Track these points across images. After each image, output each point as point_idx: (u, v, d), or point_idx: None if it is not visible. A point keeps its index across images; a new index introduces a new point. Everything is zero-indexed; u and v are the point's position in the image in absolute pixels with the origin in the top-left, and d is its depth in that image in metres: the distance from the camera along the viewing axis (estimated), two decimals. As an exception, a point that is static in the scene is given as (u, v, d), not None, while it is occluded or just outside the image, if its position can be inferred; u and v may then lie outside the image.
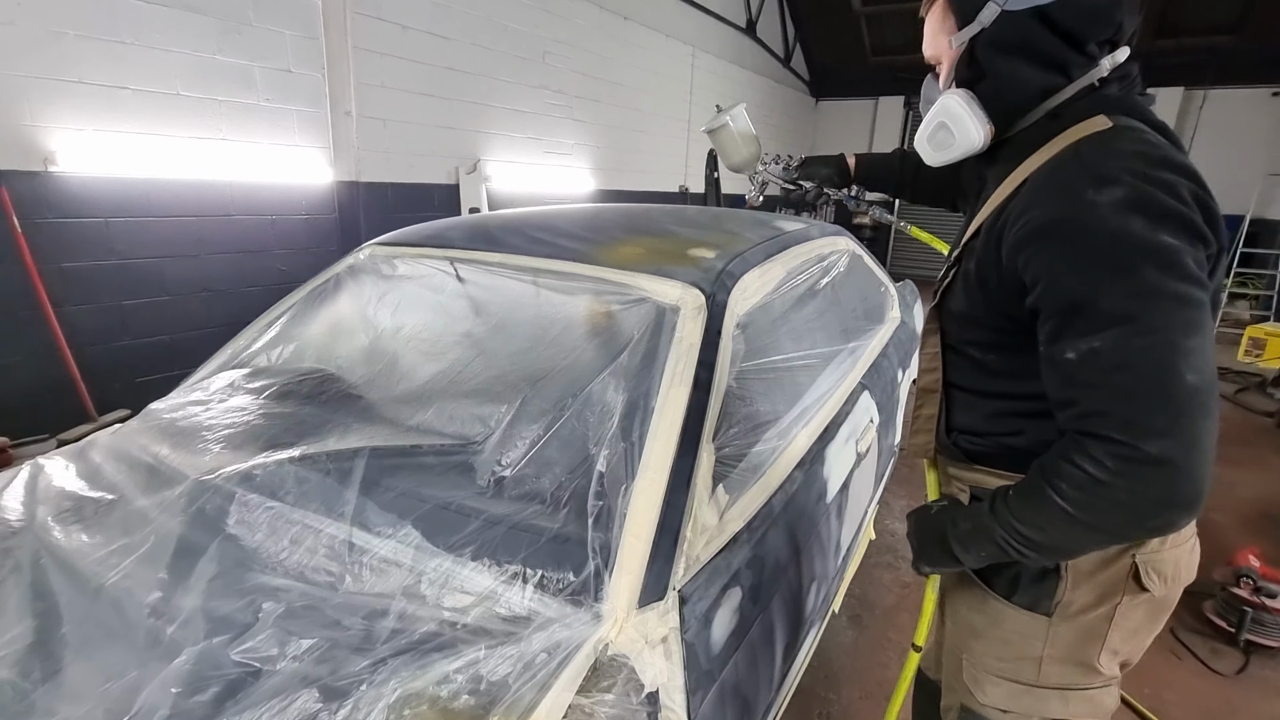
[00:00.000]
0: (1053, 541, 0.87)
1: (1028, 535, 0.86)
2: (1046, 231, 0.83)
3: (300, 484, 1.21)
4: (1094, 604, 0.98)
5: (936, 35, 0.98)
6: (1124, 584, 0.96)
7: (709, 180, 7.32)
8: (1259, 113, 8.23)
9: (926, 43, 1.01)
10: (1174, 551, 0.98)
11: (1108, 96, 0.90)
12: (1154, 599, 0.98)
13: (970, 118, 0.94)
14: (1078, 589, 0.98)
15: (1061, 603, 0.99)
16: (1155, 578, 0.96)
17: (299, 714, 0.81)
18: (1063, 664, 1.01)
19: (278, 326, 1.75)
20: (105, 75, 2.93)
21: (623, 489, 1.07)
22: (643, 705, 0.89)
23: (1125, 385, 0.77)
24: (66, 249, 2.94)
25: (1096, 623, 0.98)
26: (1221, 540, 2.97)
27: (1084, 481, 0.79)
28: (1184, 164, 0.81)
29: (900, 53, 9.83)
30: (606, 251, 1.54)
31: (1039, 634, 1.01)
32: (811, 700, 1.99)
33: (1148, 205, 0.77)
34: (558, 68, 5.55)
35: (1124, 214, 0.77)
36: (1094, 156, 0.83)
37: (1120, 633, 0.99)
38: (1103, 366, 0.78)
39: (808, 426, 1.56)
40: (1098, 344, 0.78)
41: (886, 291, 2.83)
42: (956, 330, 1.05)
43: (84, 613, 1.01)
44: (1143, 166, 0.79)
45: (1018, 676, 1.04)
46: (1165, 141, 0.85)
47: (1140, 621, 1.01)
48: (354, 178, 4.04)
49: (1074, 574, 0.97)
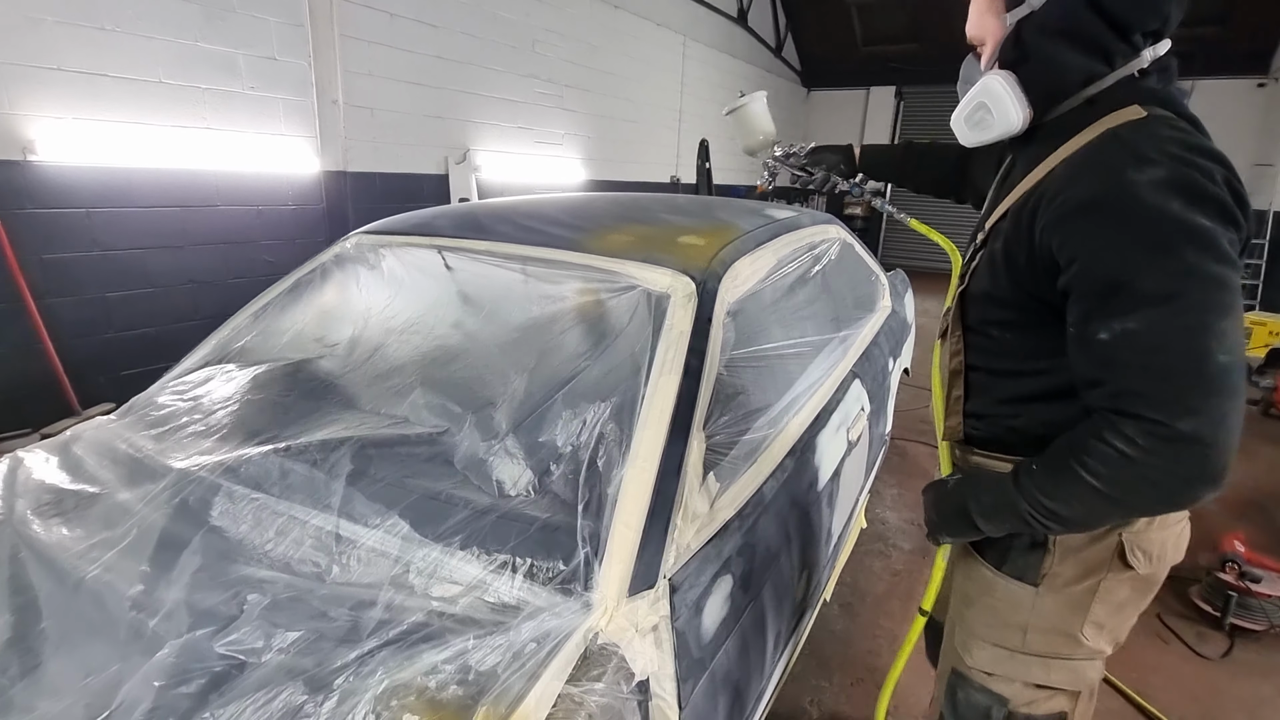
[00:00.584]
0: (1078, 515, 0.89)
1: (1053, 509, 0.88)
2: (1085, 210, 0.83)
3: (285, 475, 1.20)
4: (1079, 577, 1.01)
5: (983, 15, 0.97)
6: (1109, 560, 0.99)
7: (700, 170, 7.31)
8: (1245, 104, 8.27)
9: (971, 22, 1.00)
10: (1161, 533, 1.00)
11: (1144, 87, 0.90)
12: (1138, 576, 1.00)
13: (1011, 99, 0.93)
14: (1064, 562, 1.01)
15: (1048, 574, 1.02)
16: (1140, 556, 0.98)
17: (284, 707, 0.80)
18: (1047, 633, 1.04)
19: (263, 317, 1.72)
20: (85, 62, 2.87)
21: (613, 477, 1.07)
22: (633, 694, 0.88)
23: (1160, 365, 0.78)
24: (47, 240, 2.89)
25: (1081, 595, 1.01)
26: (1207, 526, 2.99)
27: (1115, 459, 0.81)
28: (1217, 151, 0.83)
29: (891, 43, 9.81)
30: (596, 239, 1.52)
31: (1025, 603, 1.04)
32: (803, 688, 1.99)
33: (1187, 187, 0.78)
34: (548, 56, 5.49)
35: (1164, 194, 0.78)
36: (1133, 139, 0.83)
37: (1104, 607, 1.02)
38: (1138, 347, 0.79)
39: (799, 414, 1.56)
40: (1133, 325, 0.79)
41: (877, 280, 2.83)
42: (977, 311, 1.06)
43: (64, 607, 0.99)
44: (1180, 150, 0.81)
45: (1003, 642, 1.07)
46: (1203, 136, 0.86)
47: (1125, 598, 1.03)
48: (341, 167, 4.00)
49: (1061, 548, 1.01)
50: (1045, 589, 1.03)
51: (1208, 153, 0.82)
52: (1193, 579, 2.49)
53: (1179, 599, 2.47)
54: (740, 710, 1.16)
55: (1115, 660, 2.13)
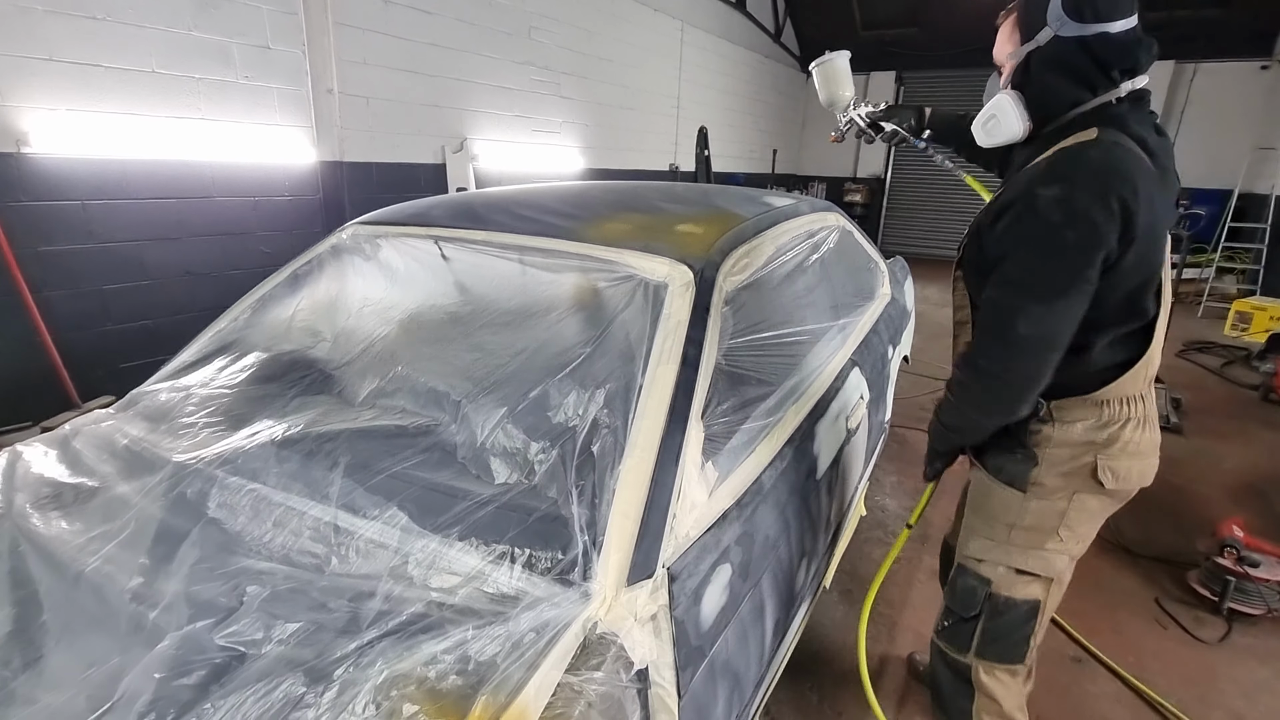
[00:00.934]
0: (955, 424, 1.31)
1: (945, 423, 1.33)
2: (1006, 208, 1.16)
3: (284, 466, 1.20)
4: (1058, 488, 1.26)
5: (1004, 44, 1.25)
6: (1084, 477, 1.24)
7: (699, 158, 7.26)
8: (1248, 86, 8.21)
9: (997, 48, 1.28)
10: (1129, 460, 1.24)
11: (1109, 113, 1.15)
12: (1106, 491, 1.25)
13: (1015, 114, 1.21)
14: (1048, 474, 1.26)
15: (1034, 484, 1.28)
16: (1110, 475, 1.23)
17: (285, 697, 0.81)
18: (1029, 530, 1.30)
19: (260, 309, 1.71)
20: (77, 52, 2.84)
21: (611, 467, 1.06)
22: (632, 682, 0.89)
23: (987, 324, 1.18)
24: (43, 232, 2.87)
25: (1059, 503, 1.27)
26: (1206, 511, 3.01)
27: (958, 385, 1.25)
28: (1126, 176, 1.06)
29: (891, 26, 9.71)
30: (594, 228, 1.51)
31: (1015, 505, 1.31)
32: (803, 675, 2.01)
33: (1069, 207, 1.06)
34: (544, 43, 5.44)
35: (1050, 208, 1.08)
36: (1063, 159, 1.12)
37: (1077, 513, 1.27)
38: (988, 309, 1.18)
39: (797, 403, 1.56)
40: (992, 294, 1.17)
41: (877, 268, 2.81)
42: (966, 274, 1.35)
43: (64, 599, 0.99)
44: (1085, 175, 1.07)
45: (992, 535, 1.34)
46: (1134, 153, 1.10)
47: (1094, 508, 1.27)
48: (338, 157, 3.97)
49: (1046, 463, 1.26)
50: (1031, 495, 1.28)
51: (1113, 176, 1.06)
52: (1191, 564, 2.50)
53: (1177, 584, 2.48)
54: (740, 698, 1.17)
55: (1113, 644, 2.15)
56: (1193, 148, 8.68)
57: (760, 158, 10.01)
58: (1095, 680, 2.04)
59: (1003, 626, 1.32)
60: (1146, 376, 1.23)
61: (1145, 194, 1.06)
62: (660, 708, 0.92)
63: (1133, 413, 1.23)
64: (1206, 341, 5.93)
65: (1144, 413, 1.24)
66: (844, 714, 1.88)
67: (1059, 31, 1.14)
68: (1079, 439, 1.24)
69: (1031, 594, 1.31)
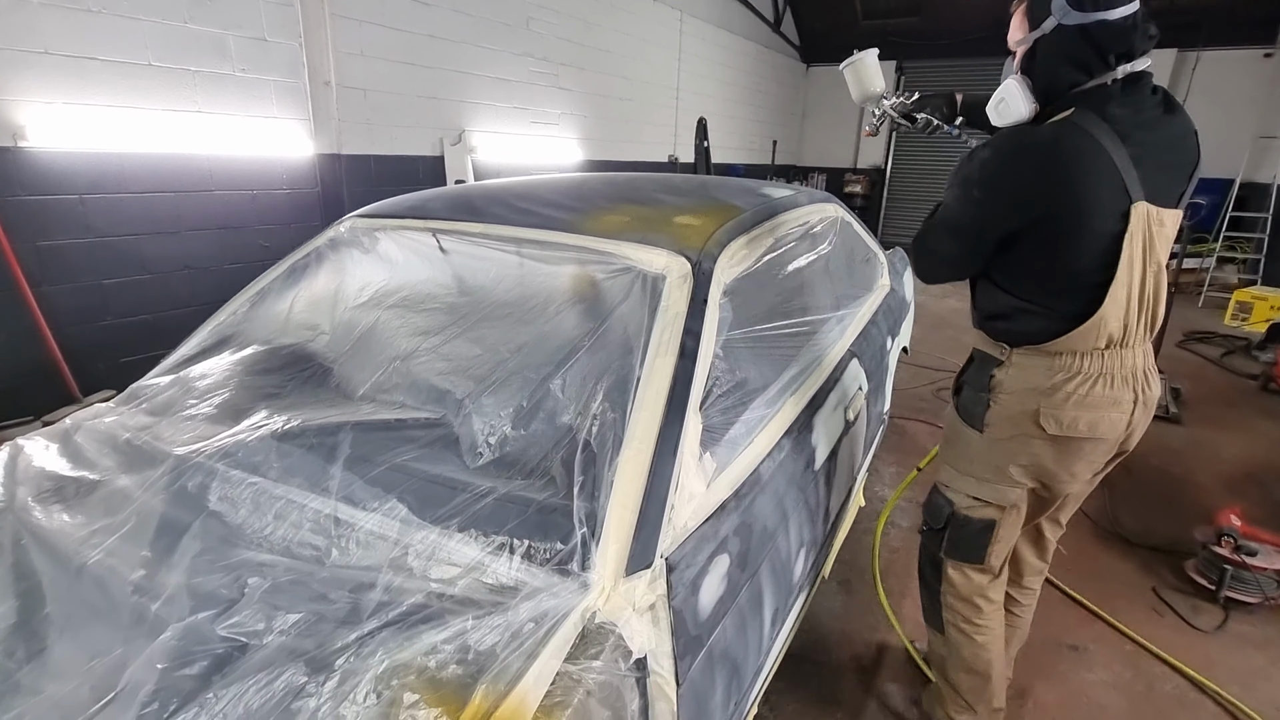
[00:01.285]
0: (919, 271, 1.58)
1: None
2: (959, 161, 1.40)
3: (284, 459, 1.20)
4: (1008, 431, 1.43)
5: (1015, 31, 1.36)
6: (1029, 422, 1.39)
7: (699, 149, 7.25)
8: (1250, 75, 8.16)
9: (1010, 35, 1.38)
10: (1077, 410, 1.35)
11: (1097, 95, 1.26)
12: (1053, 439, 1.38)
13: (1022, 97, 1.34)
14: (998, 417, 1.44)
15: (989, 425, 1.45)
16: (1053, 423, 1.36)
17: (286, 687, 0.81)
18: (985, 465, 1.48)
19: (258, 302, 1.72)
20: (72, 45, 2.83)
21: (609, 458, 1.07)
22: (631, 671, 0.89)
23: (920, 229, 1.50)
24: (41, 227, 2.87)
25: (1009, 444, 1.43)
26: (1205, 501, 3.02)
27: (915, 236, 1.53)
28: (1055, 159, 1.22)
29: (892, 15, 9.64)
30: (591, 220, 1.51)
31: (975, 444, 1.49)
32: (802, 663, 2.02)
33: (983, 170, 1.30)
34: (542, 34, 5.42)
35: (976, 165, 1.31)
36: (1010, 133, 1.32)
37: (1025, 456, 1.42)
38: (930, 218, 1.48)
39: (796, 394, 1.56)
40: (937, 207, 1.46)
41: (876, 259, 2.81)
42: None
43: (67, 592, 1.00)
44: (1011, 147, 1.29)
45: (956, 466, 1.55)
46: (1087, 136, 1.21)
47: (1047, 454, 1.41)
48: (335, 150, 3.96)
49: (997, 406, 1.43)
50: (987, 436, 1.46)
51: (1042, 151, 1.24)
52: (1189, 553, 2.51)
53: (1175, 573, 2.50)
54: (738, 686, 1.18)
55: (1111, 632, 2.16)
56: (1193, 137, 8.63)
57: (760, 149, 9.98)
58: (1092, 668, 2.05)
59: (964, 536, 1.55)
60: (1103, 334, 1.31)
61: (1069, 176, 1.21)
62: (659, 695, 0.93)
63: (1085, 367, 1.34)
64: (1207, 331, 5.93)
65: (1100, 369, 1.34)
66: (843, 703, 1.90)
67: (1062, 20, 1.24)
68: (1026, 385, 1.39)
69: (987, 515, 1.51)
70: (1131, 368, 1.36)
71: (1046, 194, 1.23)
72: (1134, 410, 1.38)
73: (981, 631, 1.60)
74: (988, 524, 1.51)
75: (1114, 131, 1.22)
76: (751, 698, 1.31)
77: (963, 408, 1.53)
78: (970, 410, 1.49)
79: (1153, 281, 1.31)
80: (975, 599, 1.59)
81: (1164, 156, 1.28)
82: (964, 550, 1.56)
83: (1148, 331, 1.37)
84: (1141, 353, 1.38)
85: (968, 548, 1.55)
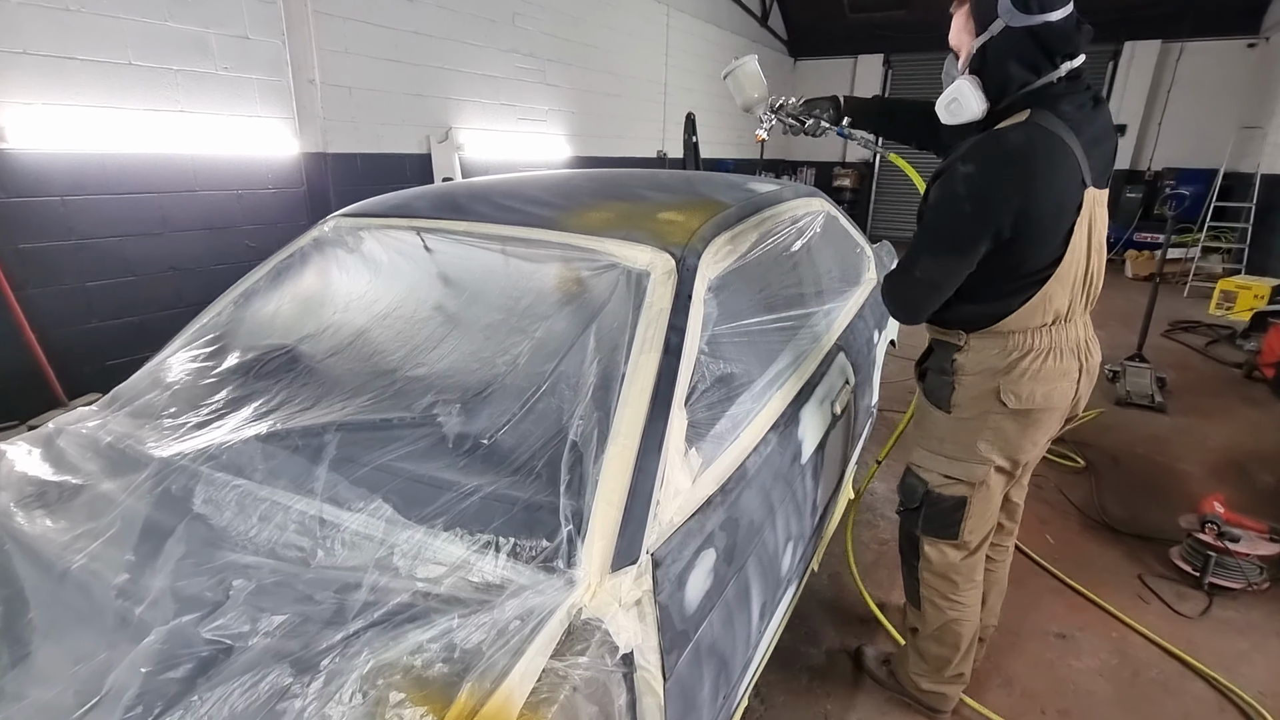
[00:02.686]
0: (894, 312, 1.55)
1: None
2: (939, 174, 1.40)
3: (269, 461, 1.20)
4: (972, 409, 1.51)
5: (959, 33, 1.39)
6: (991, 400, 1.47)
7: (688, 144, 7.22)
8: (1234, 65, 8.23)
9: (952, 36, 1.42)
10: (1032, 384, 1.44)
11: (1047, 93, 1.33)
12: (1012, 411, 1.46)
13: (974, 97, 1.37)
14: (963, 398, 1.51)
15: (954, 406, 1.53)
16: (1012, 397, 1.45)
17: (271, 689, 0.81)
18: (955, 444, 1.55)
19: (242, 303, 1.71)
20: (51, 45, 2.80)
21: (594, 455, 1.07)
22: (618, 666, 0.90)
23: (902, 258, 1.47)
24: (23, 229, 2.84)
25: (975, 422, 1.51)
26: (1189, 489, 3.05)
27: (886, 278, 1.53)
28: (1030, 164, 1.26)
29: (879, 9, 9.65)
30: (575, 217, 1.51)
31: (943, 424, 1.56)
32: (792, 656, 2.03)
33: (971, 184, 1.30)
34: (528, 30, 5.39)
35: (960, 182, 1.31)
36: (984, 141, 1.33)
37: (991, 432, 1.50)
38: (910, 245, 1.45)
39: (782, 389, 1.57)
40: (914, 237, 1.44)
41: (863, 253, 2.82)
42: None
43: (50, 597, 1.00)
44: (994, 156, 1.30)
45: (927, 446, 1.62)
46: (1053, 135, 1.27)
47: (1012, 429, 1.49)
48: (321, 149, 3.93)
49: (961, 388, 1.51)
50: (954, 417, 1.53)
51: (1017, 162, 1.27)
52: (1173, 540, 2.55)
53: (1160, 560, 2.53)
54: (727, 679, 1.19)
55: (1097, 619, 2.19)
56: (1179, 127, 8.71)
57: (749, 143, 9.98)
58: (1079, 655, 2.07)
59: (937, 514, 1.62)
60: (1049, 311, 1.41)
61: (1049, 178, 1.27)
62: (646, 690, 0.93)
63: (1036, 344, 1.43)
64: (1192, 321, 5.99)
65: (1049, 344, 1.44)
66: (833, 695, 1.91)
67: (1009, 22, 1.29)
68: (985, 366, 1.47)
69: (958, 492, 1.58)
70: (1075, 340, 1.47)
71: (1032, 197, 1.27)
72: (1080, 379, 1.50)
73: (955, 607, 1.68)
74: (959, 501, 1.58)
75: (1070, 128, 1.30)
76: (741, 690, 1.32)
77: (929, 391, 1.60)
78: (937, 393, 1.56)
79: (1096, 259, 1.42)
80: (951, 575, 1.66)
81: (1102, 144, 1.37)
82: (938, 527, 1.63)
83: (1087, 305, 1.48)
84: (1082, 324, 1.50)
85: (942, 524, 1.62)
